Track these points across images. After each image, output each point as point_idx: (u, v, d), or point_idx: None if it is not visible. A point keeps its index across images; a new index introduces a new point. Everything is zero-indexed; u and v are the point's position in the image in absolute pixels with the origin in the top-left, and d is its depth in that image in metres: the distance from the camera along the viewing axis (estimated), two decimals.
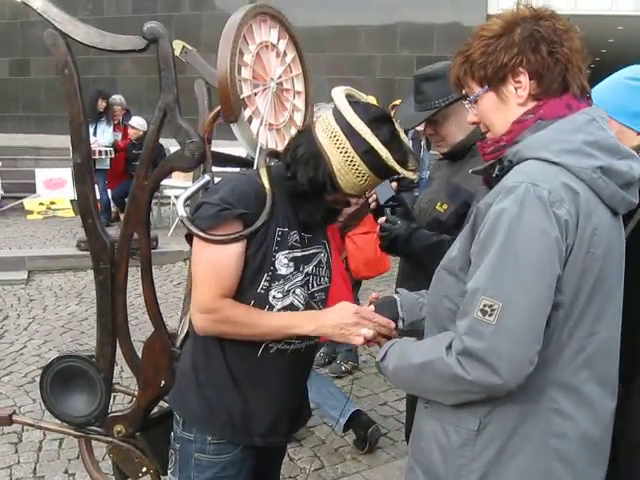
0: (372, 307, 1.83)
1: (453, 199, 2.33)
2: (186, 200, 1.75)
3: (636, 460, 1.77)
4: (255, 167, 1.80)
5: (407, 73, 11.63)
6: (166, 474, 1.96)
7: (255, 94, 1.91)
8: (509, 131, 1.52)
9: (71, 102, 1.72)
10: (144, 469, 1.97)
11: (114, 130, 9.63)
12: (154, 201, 9.58)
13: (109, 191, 9.49)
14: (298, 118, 2.09)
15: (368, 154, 1.68)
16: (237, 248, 1.70)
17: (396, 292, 1.90)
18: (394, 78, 13.23)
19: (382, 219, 2.35)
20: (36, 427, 2.11)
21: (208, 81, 2.12)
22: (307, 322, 1.75)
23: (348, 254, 4.74)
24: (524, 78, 1.49)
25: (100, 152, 9.23)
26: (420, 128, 2.62)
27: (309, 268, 1.85)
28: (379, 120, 1.71)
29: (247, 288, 1.75)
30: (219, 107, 1.77)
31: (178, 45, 2.07)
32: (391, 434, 4.05)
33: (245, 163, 1.99)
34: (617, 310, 1.54)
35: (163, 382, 1.90)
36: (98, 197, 8.88)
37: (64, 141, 9.71)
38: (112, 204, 9.59)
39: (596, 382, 1.51)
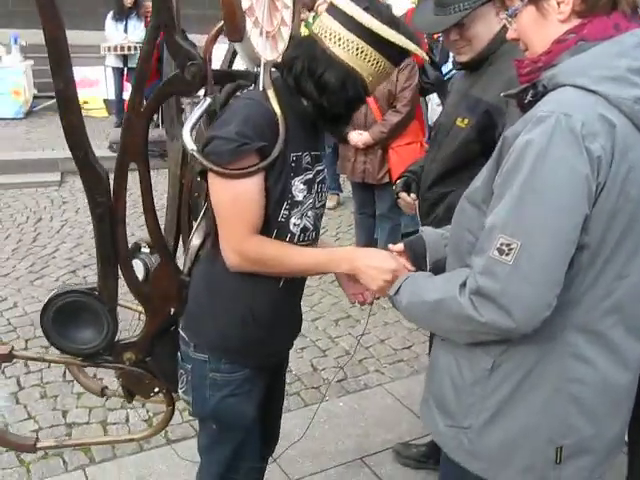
0: (401, 245, 1.77)
1: (473, 112, 2.25)
2: (192, 129, 1.63)
3: None
4: (261, 87, 1.68)
5: None
6: (177, 392, 1.97)
7: (254, 2, 1.71)
8: (548, 51, 1.38)
9: (45, 15, 1.42)
10: (156, 389, 1.97)
11: (146, 26, 9.37)
12: None
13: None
14: (287, 16, 1.89)
15: (400, 55, 1.66)
16: (258, 181, 1.64)
17: (421, 230, 1.82)
18: None
19: None
20: (40, 360, 2.04)
21: None
22: (343, 261, 1.73)
23: (391, 166, 4.64)
24: None
25: (130, 48, 9.05)
26: None
27: (317, 187, 1.81)
28: (394, 19, 1.63)
29: (270, 219, 1.70)
30: (220, 23, 1.61)
31: None
32: (415, 347, 4.06)
33: (246, 77, 1.84)
34: None
35: (172, 310, 1.86)
36: None
37: (95, 38, 9.57)
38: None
39: (624, 327, 1.43)
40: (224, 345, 1.81)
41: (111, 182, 1.69)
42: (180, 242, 1.97)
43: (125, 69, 9.35)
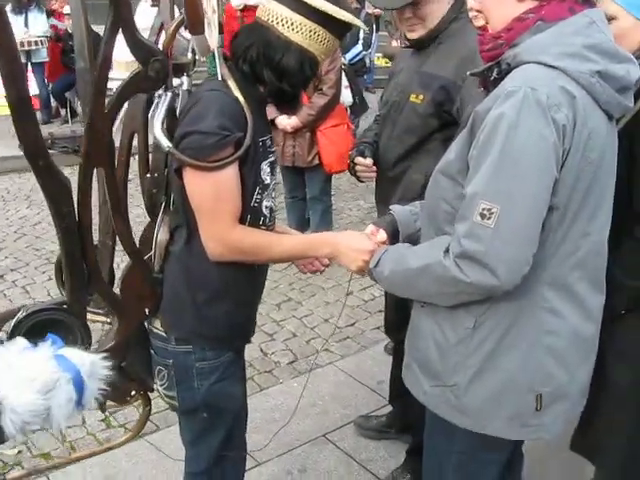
0: (373, 227, 1.84)
1: (428, 88, 2.30)
2: (162, 125, 1.62)
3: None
4: (220, 78, 1.71)
5: None
6: (152, 391, 1.96)
7: None
8: (509, 28, 1.48)
9: None
10: (132, 392, 1.93)
11: (54, 17, 8.98)
12: None
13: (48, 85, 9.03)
14: (215, 3, 1.84)
15: (344, 30, 1.75)
16: (234, 170, 1.67)
17: (389, 210, 1.89)
18: None
19: None
20: None
21: None
22: (322, 246, 1.82)
23: (320, 149, 4.69)
24: None
25: (31, 43, 8.67)
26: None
27: (275, 167, 1.88)
28: None
29: (244, 206, 1.74)
30: (180, 17, 1.61)
31: None
32: (359, 324, 4.17)
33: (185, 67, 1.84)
34: (608, 212, 1.57)
35: (147, 309, 1.83)
36: (37, 92, 8.31)
37: None
38: (52, 99, 9.17)
39: (588, 281, 1.56)
40: (211, 333, 1.83)
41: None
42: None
43: (29, 64, 8.96)
